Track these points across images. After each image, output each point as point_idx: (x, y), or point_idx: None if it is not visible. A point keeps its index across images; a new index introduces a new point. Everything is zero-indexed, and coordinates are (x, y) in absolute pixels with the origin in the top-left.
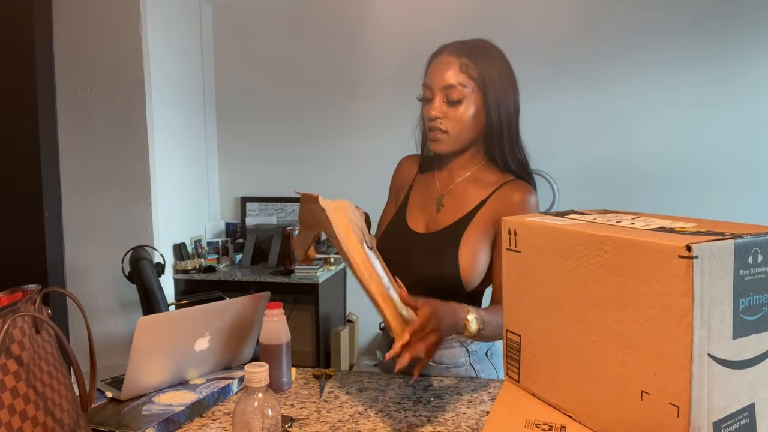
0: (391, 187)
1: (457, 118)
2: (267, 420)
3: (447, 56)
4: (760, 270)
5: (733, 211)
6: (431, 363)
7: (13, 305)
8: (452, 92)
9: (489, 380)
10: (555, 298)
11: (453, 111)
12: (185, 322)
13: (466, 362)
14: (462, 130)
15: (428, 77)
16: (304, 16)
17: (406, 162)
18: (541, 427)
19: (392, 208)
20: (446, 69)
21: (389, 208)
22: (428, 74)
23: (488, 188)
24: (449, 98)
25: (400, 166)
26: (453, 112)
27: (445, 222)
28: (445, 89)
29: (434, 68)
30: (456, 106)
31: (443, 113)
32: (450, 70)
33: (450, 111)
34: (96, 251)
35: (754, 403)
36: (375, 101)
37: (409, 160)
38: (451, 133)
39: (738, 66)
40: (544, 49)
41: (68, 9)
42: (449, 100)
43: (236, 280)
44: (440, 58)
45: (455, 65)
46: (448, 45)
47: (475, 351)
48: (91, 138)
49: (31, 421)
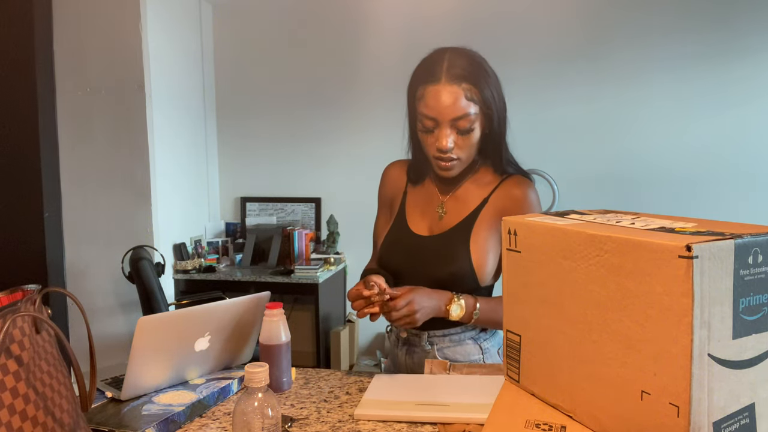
0: (381, 197)
1: (467, 145)
2: (267, 420)
3: (447, 85)
4: (760, 270)
5: (733, 211)
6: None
7: (13, 305)
8: (462, 122)
9: None
10: (555, 298)
11: (463, 140)
12: (185, 322)
13: (479, 359)
14: (472, 153)
15: (429, 108)
16: (304, 16)
17: (394, 170)
18: (541, 427)
19: (386, 217)
20: (452, 100)
21: (383, 218)
22: (427, 105)
23: (489, 186)
24: (460, 128)
25: (389, 174)
26: (464, 141)
27: (451, 223)
28: (454, 121)
29: (435, 99)
30: (467, 134)
31: (454, 143)
32: (456, 101)
33: (460, 140)
34: (96, 251)
35: (754, 403)
36: (375, 101)
37: (396, 167)
38: (462, 158)
39: (738, 65)
40: (544, 49)
41: (68, 9)
42: (461, 130)
43: (236, 280)
44: (438, 88)
45: (459, 94)
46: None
47: (488, 349)
48: (91, 138)
49: (31, 421)
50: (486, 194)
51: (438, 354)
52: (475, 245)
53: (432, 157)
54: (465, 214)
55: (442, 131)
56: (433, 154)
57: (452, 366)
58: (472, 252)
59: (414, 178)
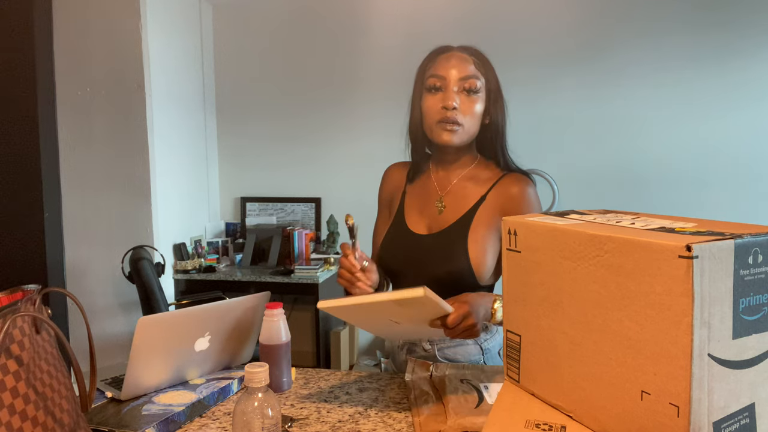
0: (381, 198)
1: (471, 111)
2: (267, 420)
3: (458, 53)
4: (760, 270)
5: (733, 211)
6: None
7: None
8: (471, 82)
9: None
10: (555, 298)
11: (469, 102)
12: (185, 322)
13: (480, 360)
14: (473, 125)
15: (440, 68)
16: (304, 16)
17: (394, 171)
18: (541, 427)
19: (386, 217)
20: (462, 63)
21: (382, 218)
22: (438, 65)
23: (487, 183)
24: (468, 88)
25: (389, 175)
26: (469, 104)
27: (449, 221)
28: (462, 80)
29: (446, 61)
30: (473, 96)
31: (459, 105)
32: (465, 64)
33: (466, 101)
34: (96, 251)
35: (754, 403)
36: (375, 101)
37: (396, 168)
38: (465, 125)
39: (737, 65)
40: (545, 49)
41: (68, 9)
42: (468, 89)
43: (236, 280)
44: (451, 53)
45: (469, 61)
46: (447, 46)
47: (489, 349)
48: (91, 138)
49: (31, 421)
50: (484, 191)
51: (438, 354)
52: (473, 243)
53: (435, 123)
54: (463, 211)
55: (448, 91)
56: (437, 119)
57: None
58: (470, 250)
59: (413, 175)
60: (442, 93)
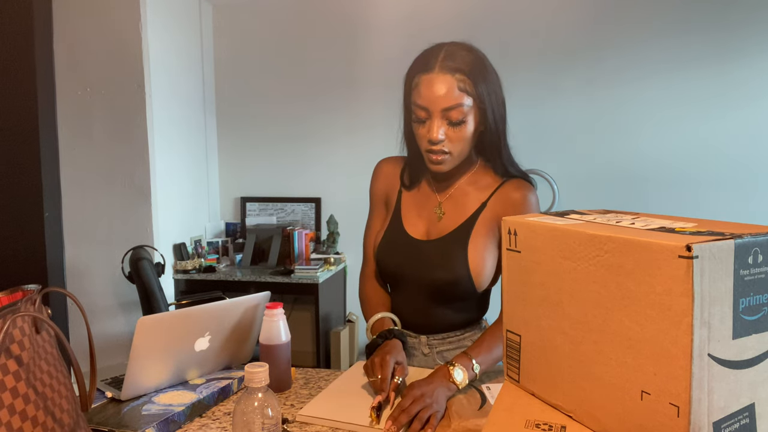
0: (374, 194)
1: (459, 139)
2: (267, 420)
3: (440, 74)
4: (760, 270)
5: (733, 211)
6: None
7: (13, 305)
8: (454, 113)
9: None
10: (555, 298)
11: (455, 132)
12: (185, 322)
13: None
14: (464, 148)
15: (422, 98)
16: (304, 16)
17: (387, 166)
18: (541, 427)
19: (380, 216)
20: (443, 89)
21: (377, 216)
22: (420, 94)
23: (487, 189)
24: (451, 120)
25: (381, 170)
26: (455, 133)
27: (449, 227)
28: (445, 111)
29: (427, 88)
30: (458, 126)
31: (445, 135)
32: (448, 91)
33: (451, 132)
34: (96, 251)
35: (754, 403)
36: (375, 101)
37: (389, 163)
38: (453, 153)
39: (737, 65)
40: (545, 49)
41: (68, 9)
42: (451, 121)
43: (236, 280)
44: (431, 77)
45: (452, 84)
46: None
47: None
48: (91, 138)
49: (31, 421)
50: (485, 198)
51: (437, 357)
52: (473, 251)
53: (423, 151)
54: (463, 218)
55: (433, 122)
56: (424, 147)
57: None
58: (470, 258)
59: (408, 183)
60: (429, 123)
